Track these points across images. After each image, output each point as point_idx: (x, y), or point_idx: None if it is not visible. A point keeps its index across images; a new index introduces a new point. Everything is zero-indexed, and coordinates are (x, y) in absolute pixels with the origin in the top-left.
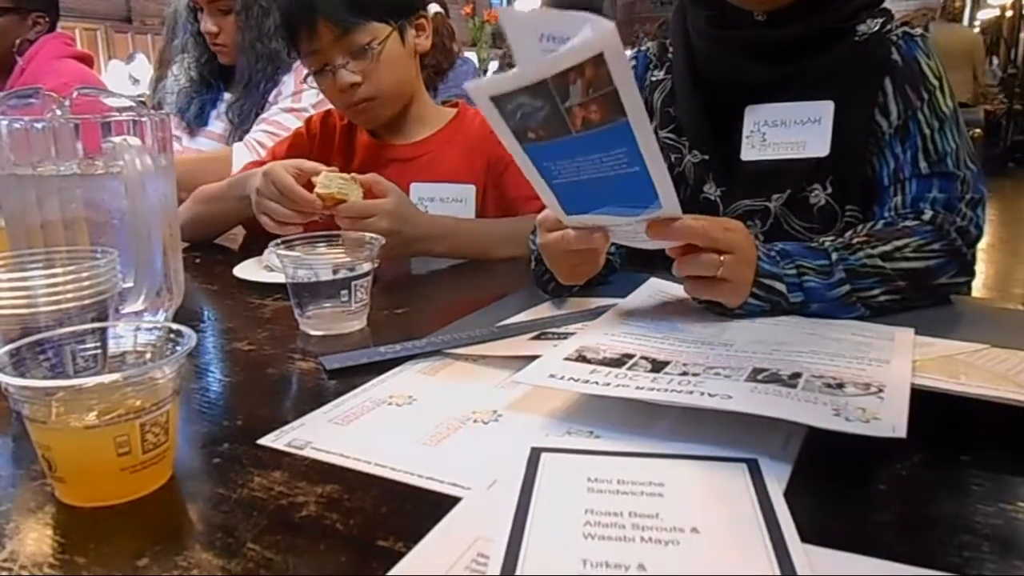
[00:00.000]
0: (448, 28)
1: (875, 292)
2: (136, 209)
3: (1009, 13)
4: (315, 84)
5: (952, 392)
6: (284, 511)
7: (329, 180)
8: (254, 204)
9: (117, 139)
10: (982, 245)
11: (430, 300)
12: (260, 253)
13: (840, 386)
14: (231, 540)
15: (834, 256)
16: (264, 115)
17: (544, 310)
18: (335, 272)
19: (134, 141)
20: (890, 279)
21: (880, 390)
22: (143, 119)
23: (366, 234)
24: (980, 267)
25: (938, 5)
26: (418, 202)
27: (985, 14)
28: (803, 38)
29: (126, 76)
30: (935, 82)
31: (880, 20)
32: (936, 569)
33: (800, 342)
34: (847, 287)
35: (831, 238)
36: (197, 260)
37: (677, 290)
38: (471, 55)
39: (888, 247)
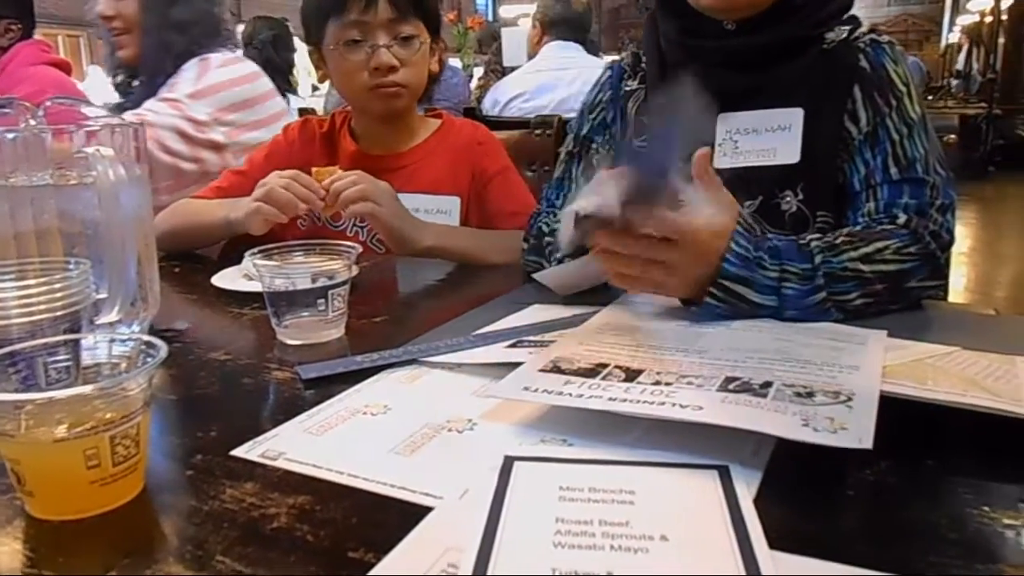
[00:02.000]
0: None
1: (851, 296)
2: (109, 220)
3: (989, 18)
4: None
5: (919, 399)
6: (255, 523)
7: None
8: (253, 199)
9: (90, 149)
10: (963, 248)
11: (409, 308)
12: (239, 262)
13: (810, 395)
14: (201, 552)
15: (818, 259)
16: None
17: (522, 318)
18: (313, 281)
19: (107, 151)
20: (868, 282)
21: (849, 398)
22: (117, 129)
23: (343, 242)
24: (962, 270)
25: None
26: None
27: (965, 19)
28: (773, 46)
29: (106, 81)
30: (903, 88)
31: (848, 28)
32: (902, 574)
33: (773, 349)
34: (823, 294)
35: (817, 236)
36: (176, 269)
37: (655, 298)
38: (455, 61)
39: (869, 248)
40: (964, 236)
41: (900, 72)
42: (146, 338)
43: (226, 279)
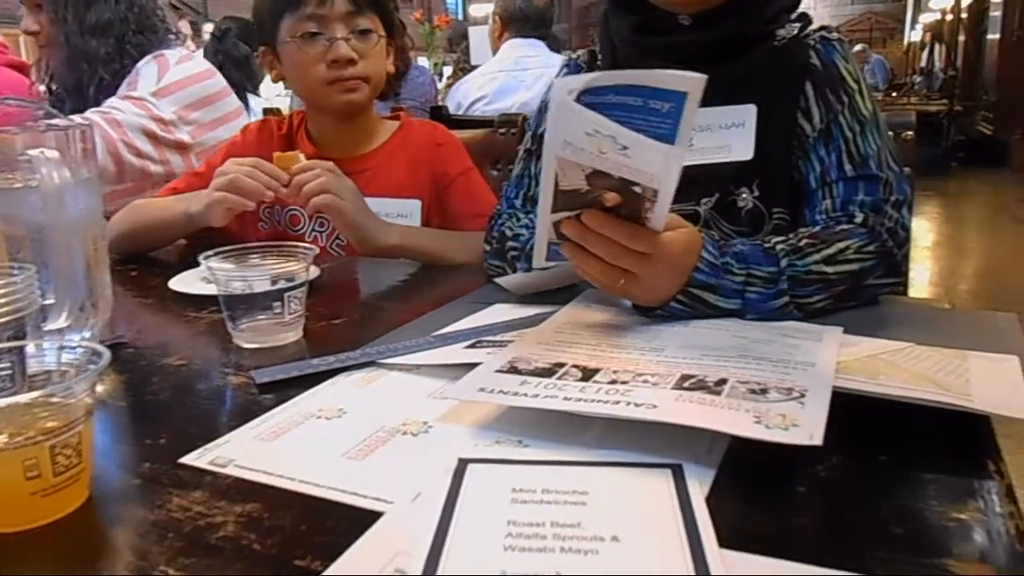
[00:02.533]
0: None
1: (814, 299)
2: (55, 224)
3: (950, 16)
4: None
5: (871, 394)
6: (201, 532)
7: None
8: (214, 188)
9: (34, 152)
10: (926, 243)
11: (369, 309)
12: (198, 265)
13: (764, 392)
14: (144, 563)
15: (783, 263)
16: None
17: (482, 318)
18: (273, 283)
19: (52, 154)
20: (831, 284)
21: (802, 395)
22: (64, 130)
23: (300, 244)
24: (925, 264)
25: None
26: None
27: (927, 17)
28: (726, 42)
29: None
30: (854, 85)
31: (798, 25)
32: (850, 570)
33: (731, 346)
34: (786, 298)
35: (782, 240)
36: (133, 273)
37: (615, 297)
38: (423, 61)
39: (832, 250)
40: (927, 230)
41: (850, 69)
42: (92, 345)
43: (183, 282)
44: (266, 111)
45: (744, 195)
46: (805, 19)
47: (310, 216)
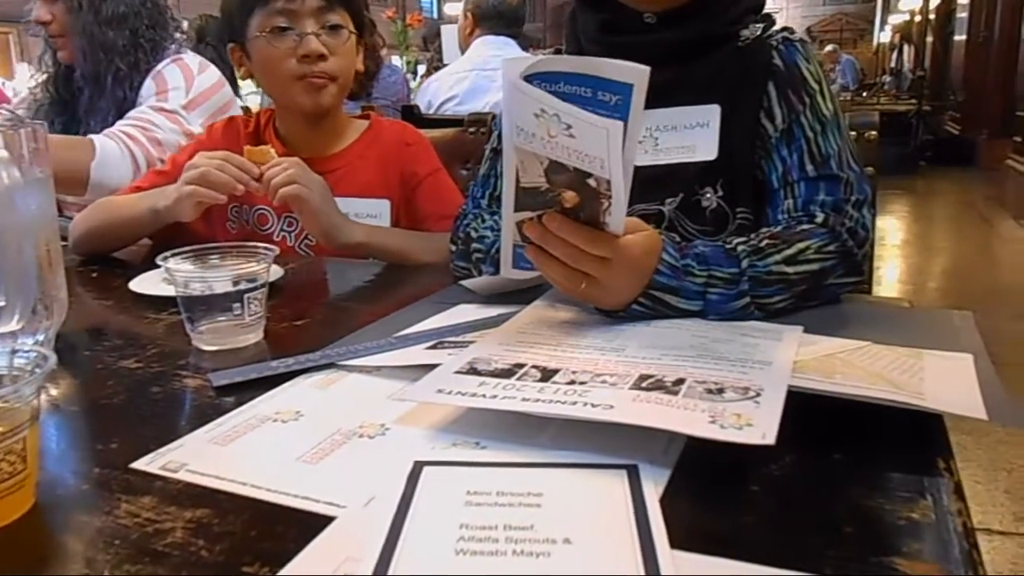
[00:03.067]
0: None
1: (775, 299)
2: (5, 225)
3: (918, 18)
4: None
5: (826, 393)
6: (148, 538)
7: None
8: (184, 182)
9: None
10: (895, 241)
11: (332, 310)
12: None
13: (720, 391)
14: (88, 571)
15: (744, 263)
16: (133, 111)
17: (446, 318)
18: (234, 284)
19: (2, 154)
20: (791, 284)
21: (758, 394)
22: (15, 130)
23: (260, 244)
24: (895, 262)
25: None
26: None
27: (896, 18)
28: (692, 42)
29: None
30: (815, 86)
31: (761, 25)
32: (801, 570)
33: (690, 346)
34: (747, 299)
35: (743, 240)
36: (94, 274)
37: None
38: (396, 60)
39: (792, 250)
40: (896, 229)
41: (812, 70)
42: (41, 350)
43: (144, 283)
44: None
45: (708, 195)
46: (768, 20)
47: (278, 213)
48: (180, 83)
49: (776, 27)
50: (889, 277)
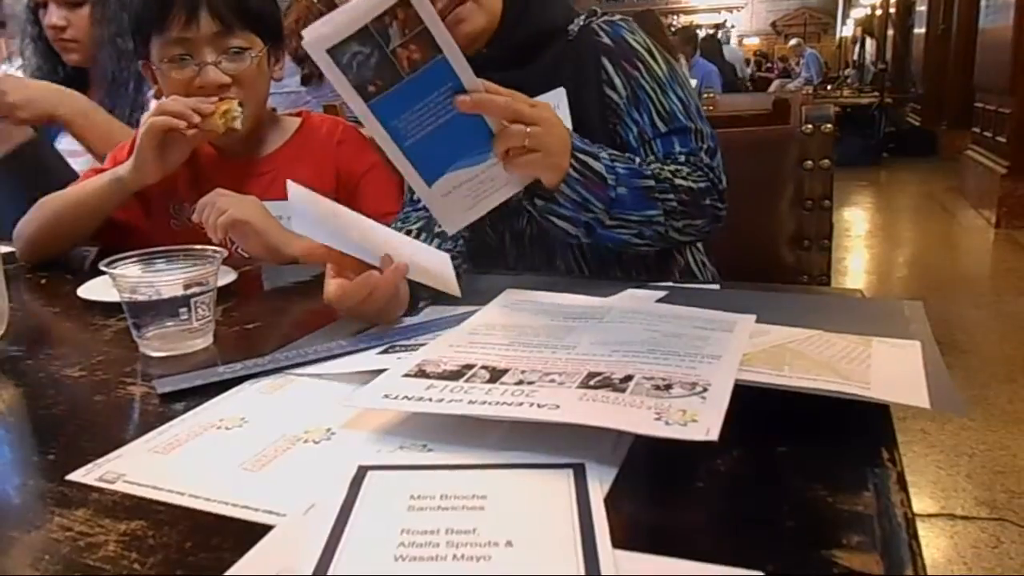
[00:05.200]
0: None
1: (668, 196)
2: None
3: (879, 12)
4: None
5: (772, 386)
6: (79, 553)
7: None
8: (143, 121)
9: None
10: (860, 232)
11: (282, 314)
12: None
13: (668, 387)
14: None
15: (636, 159)
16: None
17: (397, 321)
18: (183, 288)
19: None
20: (676, 190)
21: (704, 389)
22: None
23: (208, 248)
24: (861, 253)
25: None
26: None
27: (858, 13)
28: (521, 45)
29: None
30: (644, 53)
31: (583, 16)
32: (742, 567)
33: (641, 340)
34: (651, 181)
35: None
36: (43, 281)
37: (533, 296)
38: None
39: (670, 168)
40: (861, 220)
41: (639, 40)
42: None
43: (93, 290)
44: None
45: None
46: (594, 14)
47: (221, 241)
48: None
49: (600, 15)
50: (853, 267)
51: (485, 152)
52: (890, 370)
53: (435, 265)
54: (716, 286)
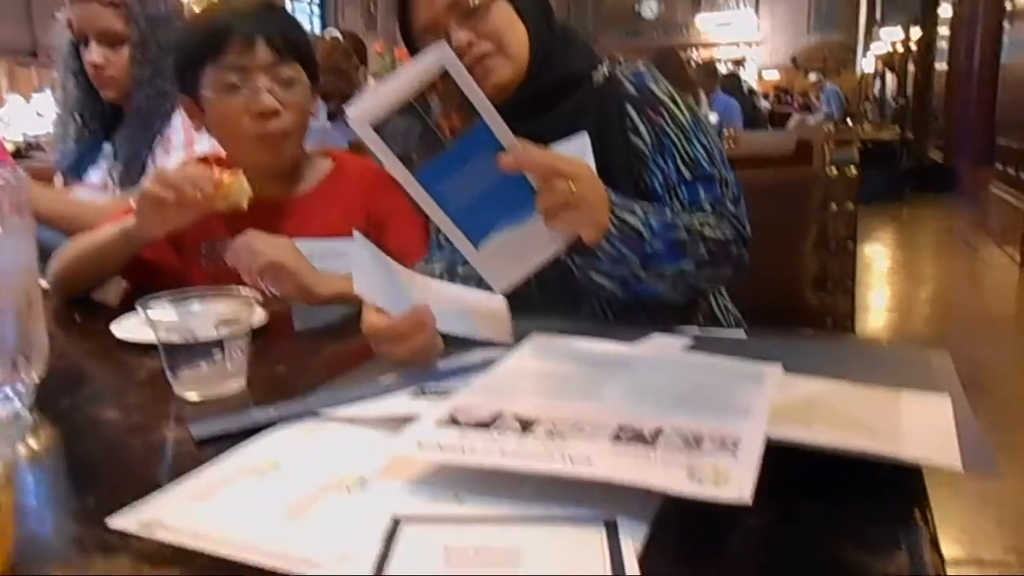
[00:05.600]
0: (345, 51)
1: (699, 248)
2: None
3: (900, 48)
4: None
5: (803, 445)
6: None
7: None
8: (143, 196)
9: None
10: (882, 269)
11: (314, 353)
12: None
13: (698, 442)
14: None
15: (667, 211)
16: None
17: (427, 364)
18: (215, 331)
19: None
20: (706, 240)
21: (735, 445)
22: None
23: (242, 289)
24: (883, 290)
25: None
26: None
27: (878, 48)
28: (544, 92)
29: (27, 111)
30: (668, 101)
31: (607, 64)
32: None
33: (669, 390)
34: (684, 234)
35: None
36: (76, 318)
37: (560, 342)
38: None
39: (698, 219)
40: (883, 256)
41: (663, 88)
42: (16, 408)
43: (126, 328)
44: None
45: None
46: (615, 61)
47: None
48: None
49: (631, 64)
50: (876, 305)
51: (528, 210)
52: (920, 427)
53: (490, 312)
54: (741, 332)
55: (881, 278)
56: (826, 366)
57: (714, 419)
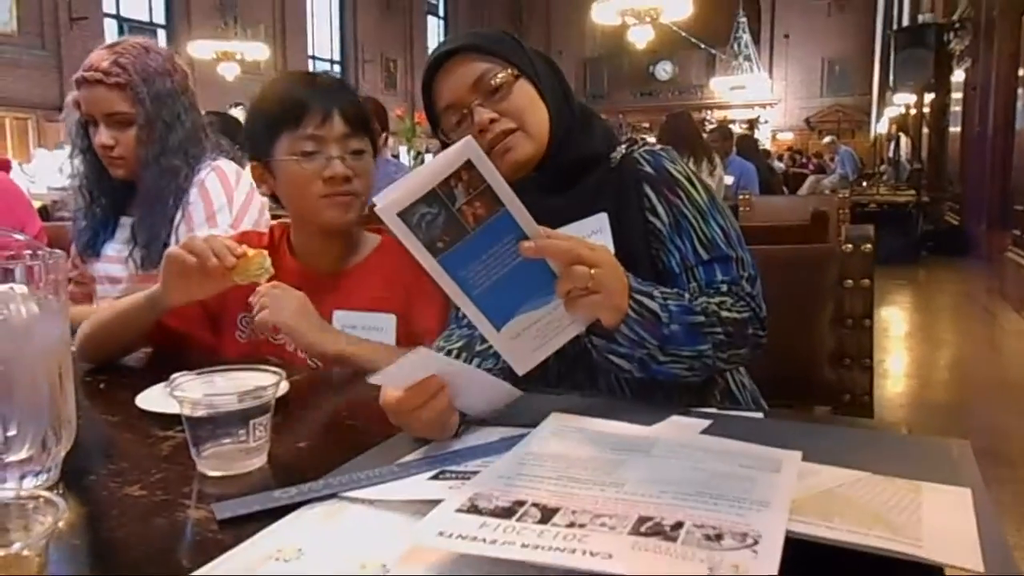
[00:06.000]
0: (377, 114)
1: (716, 330)
2: (21, 357)
3: (913, 111)
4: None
5: (823, 540)
6: None
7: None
8: (168, 258)
9: (2, 288)
10: (899, 333)
11: (335, 429)
12: (167, 377)
13: (719, 537)
14: None
15: (685, 295)
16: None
17: (446, 444)
18: (239, 407)
19: (21, 288)
20: (723, 323)
21: (756, 541)
22: (34, 263)
23: (269, 367)
24: (901, 355)
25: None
26: (340, 329)
27: (892, 111)
28: (566, 169)
29: (52, 165)
30: (685, 182)
31: (625, 145)
32: None
33: (688, 480)
34: (701, 317)
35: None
36: (101, 386)
37: (578, 422)
38: (403, 152)
39: (715, 301)
40: (900, 320)
41: (679, 169)
42: (50, 496)
43: (151, 399)
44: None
45: None
46: (633, 143)
47: (261, 333)
48: (223, 200)
49: (638, 144)
50: (894, 369)
51: (549, 295)
52: (941, 524)
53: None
54: (760, 414)
55: (899, 342)
56: (845, 454)
57: (735, 512)
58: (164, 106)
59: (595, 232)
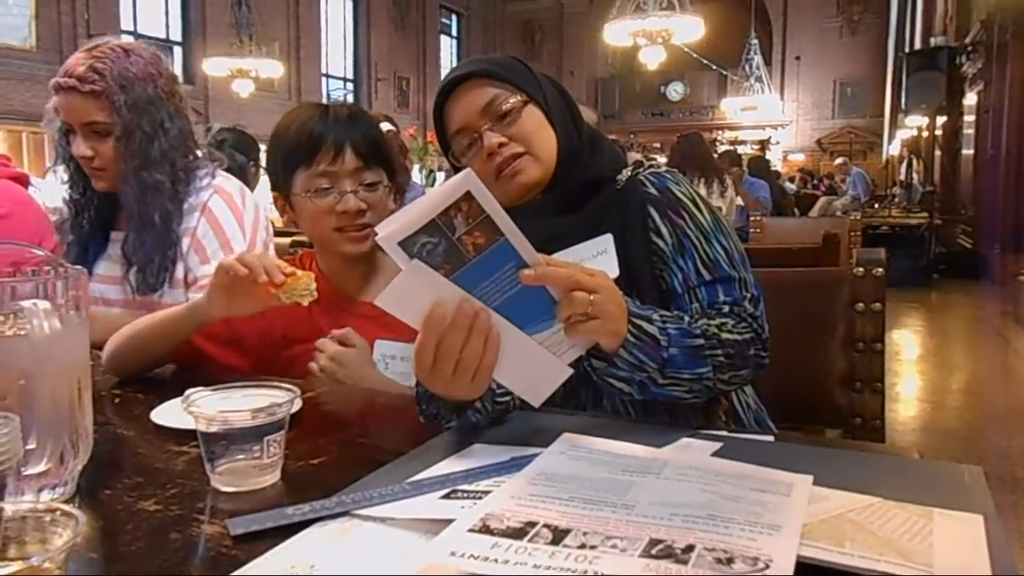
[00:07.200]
0: (402, 144)
1: (716, 352)
2: (42, 373)
3: (925, 133)
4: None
5: (834, 565)
6: None
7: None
8: (220, 267)
9: (27, 303)
10: (912, 356)
11: (348, 446)
12: (182, 392)
13: (730, 561)
14: None
15: (685, 318)
16: (202, 273)
17: (458, 462)
18: (256, 426)
19: (43, 304)
20: (723, 344)
21: (767, 566)
22: (55, 279)
23: (284, 383)
24: (913, 379)
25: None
26: (380, 359)
27: (904, 133)
28: (571, 192)
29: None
30: (688, 203)
31: (630, 168)
32: None
33: (699, 503)
34: (700, 340)
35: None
36: (116, 400)
37: (589, 443)
38: (415, 173)
39: (716, 323)
40: (913, 344)
41: (683, 191)
42: (71, 510)
43: (166, 414)
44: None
45: None
46: (639, 166)
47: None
48: (234, 227)
49: (644, 166)
50: (905, 393)
51: (549, 320)
52: (953, 551)
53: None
54: (770, 437)
55: (911, 366)
56: (857, 478)
57: (746, 536)
58: (145, 114)
59: (600, 253)
